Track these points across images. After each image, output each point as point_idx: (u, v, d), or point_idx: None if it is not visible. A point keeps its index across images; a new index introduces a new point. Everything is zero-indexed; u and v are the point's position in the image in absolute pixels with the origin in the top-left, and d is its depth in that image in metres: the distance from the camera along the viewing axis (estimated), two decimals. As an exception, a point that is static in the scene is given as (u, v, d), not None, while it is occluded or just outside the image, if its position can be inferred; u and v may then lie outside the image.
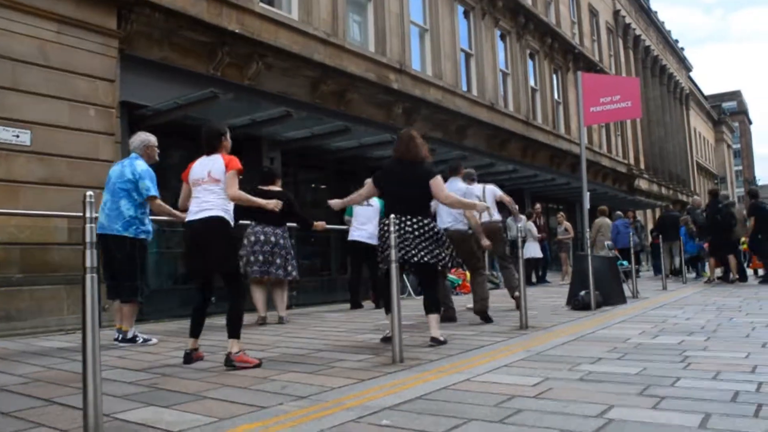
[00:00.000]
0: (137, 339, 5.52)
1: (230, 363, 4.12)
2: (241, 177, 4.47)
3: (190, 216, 4.43)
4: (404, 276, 9.19)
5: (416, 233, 4.97)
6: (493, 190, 7.92)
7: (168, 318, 7.85)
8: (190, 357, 4.39)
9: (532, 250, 13.76)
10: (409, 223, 4.98)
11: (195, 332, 4.48)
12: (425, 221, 5.05)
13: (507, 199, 7.87)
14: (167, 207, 5.57)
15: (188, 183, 4.55)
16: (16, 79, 6.99)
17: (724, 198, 13.36)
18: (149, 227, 5.66)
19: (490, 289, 9.76)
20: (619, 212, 16.60)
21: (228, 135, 4.66)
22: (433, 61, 15.61)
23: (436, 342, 4.90)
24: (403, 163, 5.22)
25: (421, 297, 5.44)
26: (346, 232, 8.87)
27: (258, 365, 4.13)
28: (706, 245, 13.75)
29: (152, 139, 5.76)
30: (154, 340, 5.62)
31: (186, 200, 4.62)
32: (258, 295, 7.14)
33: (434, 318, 5.02)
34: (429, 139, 13.64)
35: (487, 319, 6.55)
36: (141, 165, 5.54)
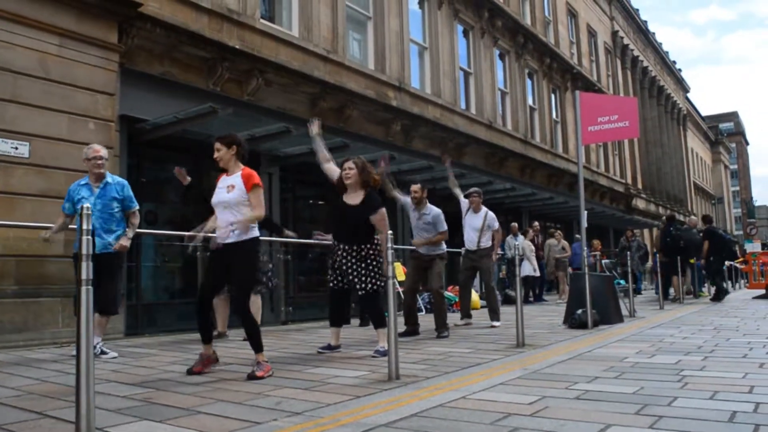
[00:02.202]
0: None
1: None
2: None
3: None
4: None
5: (357, 260, 5.53)
6: (492, 219, 8.41)
7: (163, 332, 7.82)
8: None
9: (528, 268, 13.73)
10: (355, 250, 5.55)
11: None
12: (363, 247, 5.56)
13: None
14: (58, 224, 5.78)
15: None
16: (16, 91, 7.01)
17: (679, 223, 14.41)
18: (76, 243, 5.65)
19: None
20: (577, 235, 16.64)
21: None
22: (432, 79, 15.69)
23: (380, 353, 5.28)
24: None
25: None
26: None
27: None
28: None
29: (89, 152, 5.66)
30: (113, 354, 5.56)
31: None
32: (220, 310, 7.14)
33: (382, 331, 5.43)
34: (428, 156, 13.76)
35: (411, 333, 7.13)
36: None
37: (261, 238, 6.18)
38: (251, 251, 4.63)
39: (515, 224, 14.73)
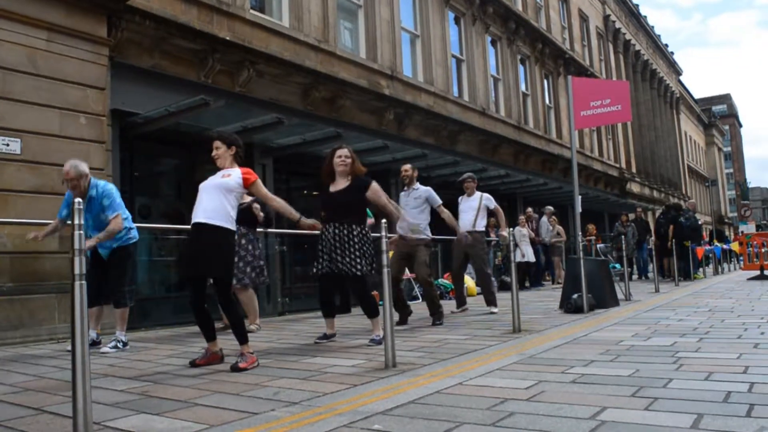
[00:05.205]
0: None
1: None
2: None
3: None
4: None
5: (347, 240, 5.50)
6: (488, 199, 8.33)
7: (159, 326, 7.82)
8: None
9: (517, 255, 13.68)
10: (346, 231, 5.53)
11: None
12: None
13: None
14: (49, 228, 5.89)
15: None
16: (5, 87, 6.96)
17: (667, 211, 16.02)
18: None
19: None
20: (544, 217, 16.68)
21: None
22: (424, 67, 15.65)
23: (375, 342, 5.28)
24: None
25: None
26: None
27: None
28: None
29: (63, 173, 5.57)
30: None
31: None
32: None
33: (376, 320, 5.45)
34: (421, 144, 13.75)
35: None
36: None
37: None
38: (225, 241, 4.49)
39: (527, 215, 14.87)
